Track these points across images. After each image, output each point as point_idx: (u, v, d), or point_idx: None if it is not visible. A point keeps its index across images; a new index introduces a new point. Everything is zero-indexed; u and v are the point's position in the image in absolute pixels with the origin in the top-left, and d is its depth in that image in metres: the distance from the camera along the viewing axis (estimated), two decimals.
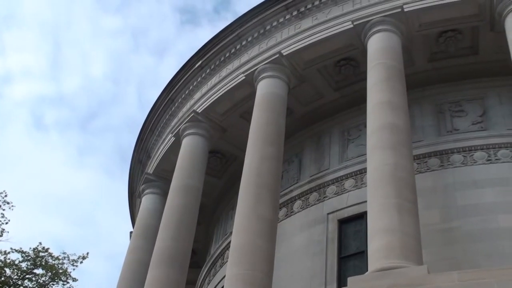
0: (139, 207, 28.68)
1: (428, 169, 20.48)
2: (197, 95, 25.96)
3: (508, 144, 20.13)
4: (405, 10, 20.84)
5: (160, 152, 27.53)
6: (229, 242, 19.86)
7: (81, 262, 32.78)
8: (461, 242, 18.34)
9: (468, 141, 20.69)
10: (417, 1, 20.97)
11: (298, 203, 22.68)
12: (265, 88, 22.12)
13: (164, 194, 26.23)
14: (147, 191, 27.83)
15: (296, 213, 22.51)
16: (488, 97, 21.78)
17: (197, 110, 24.91)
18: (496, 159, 19.98)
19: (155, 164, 27.83)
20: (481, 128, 21.05)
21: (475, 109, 21.61)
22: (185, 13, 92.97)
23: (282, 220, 22.54)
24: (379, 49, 20.24)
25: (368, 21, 21.16)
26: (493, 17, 20.44)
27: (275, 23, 23.82)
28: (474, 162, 20.13)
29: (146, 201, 27.66)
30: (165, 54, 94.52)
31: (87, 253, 33.51)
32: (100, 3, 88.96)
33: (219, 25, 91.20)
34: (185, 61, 26.99)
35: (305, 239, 21.18)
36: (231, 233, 19.74)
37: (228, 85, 24.19)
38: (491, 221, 18.38)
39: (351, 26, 21.51)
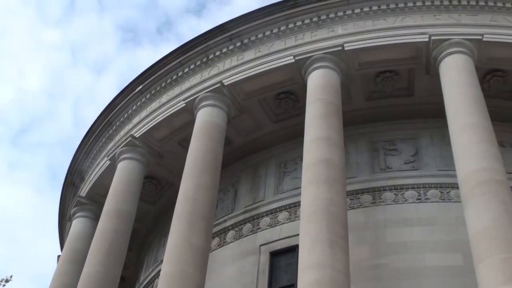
0: (69, 230, 27.99)
1: (360, 205, 20.83)
2: (135, 120, 25.73)
3: (438, 184, 20.70)
4: (346, 48, 21.37)
5: (95, 175, 27.06)
6: (160, 270, 19.58)
7: (4, 286, 31.63)
8: (388, 279, 18.63)
9: (400, 179, 21.19)
10: (357, 41, 21.57)
11: (231, 233, 22.64)
12: (204, 117, 22.15)
13: (96, 218, 25.72)
14: (78, 214, 27.25)
15: (229, 243, 22.44)
16: (421, 138, 22.43)
17: (135, 135, 24.67)
18: (426, 199, 20.51)
19: (88, 187, 27.32)
20: (413, 167, 21.62)
21: (408, 149, 22.20)
22: (127, 31, 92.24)
23: (215, 249, 22.45)
24: (319, 85, 20.63)
25: (309, 57, 21.56)
26: (428, 61, 21.18)
27: (218, 53, 23.97)
28: (405, 201, 20.60)
29: (77, 224, 27.05)
30: (104, 71, 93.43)
31: (11, 276, 32.34)
32: (41, 16, 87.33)
33: (161, 45, 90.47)
34: (126, 85, 26.80)
35: (236, 270, 21.11)
36: (162, 261, 19.49)
37: (167, 111, 24.10)
38: (418, 259, 18.76)
39: (293, 60, 21.87)
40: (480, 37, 20.67)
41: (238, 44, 23.63)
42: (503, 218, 15.22)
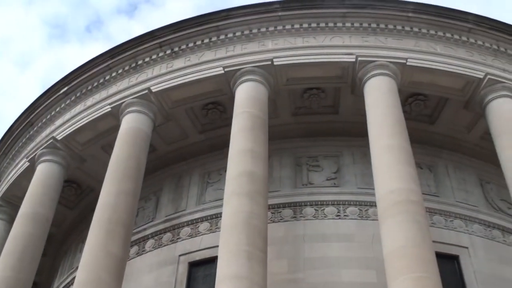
0: None
1: (281, 219, 20.99)
2: (58, 122, 25.10)
3: (357, 202, 21.13)
4: (275, 63, 21.60)
5: (12, 176, 26.20)
6: (74, 277, 19.07)
7: None
8: None
9: (321, 195, 21.48)
10: (287, 57, 21.86)
11: (151, 242, 22.35)
12: (129, 123, 21.85)
13: (11, 221, 24.84)
14: None
15: (147, 252, 22.14)
16: (343, 156, 22.86)
17: (57, 137, 24.06)
18: (345, 215, 20.88)
19: (4, 189, 26.42)
20: (334, 184, 21.99)
21: (330, 166, 22.59)
22: (54, 27, 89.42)
23: (133, 258, 22.09)
24: (247, 98, 20.74)
25: (238, 69, 21.67)
26: (354, 81, 21.69)
27: (147, 59, 23.74)
28: (325, 217, 20.91)
29: None
30: (28, 67, 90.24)
31: None
32: None
33: (89, 44, 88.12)
34: (50, 85, 26.16)
35: (153, 280, 20.83)
36: (77, 267, 19.03)
37: (92, 115, 23.62)
38: (335, 275, 19.04)
39: (222, 72, 21.92)
40: (404, 61, 21.34)
41: (168, 51, 23.48)
42: (417, 237, 15.70)
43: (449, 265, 19.86)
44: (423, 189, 20.29)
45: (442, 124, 23.65)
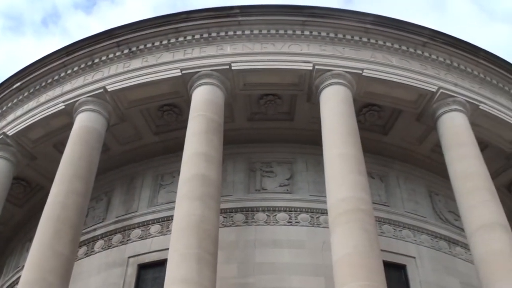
0: None
1: (233, 223, 21.00)
2: (10, 117, 24.58)
3: (309, 209, 21.29)
4: (233, 68, 21.62)
5: None
6: (20, 276, 18.70)
7: None
8: None
9: (273, 201, 21.59)
10: (245, 62, 21.93)
11: (100, 242, 22.07)
12: (83, 121, 21.54)
13: None
14: None
15: (96, 253, 21.85)
16: (297, 163, 23.02)
17: (7, 133, 23.56)
18: (296, 222, 21.02)
19: None
20: (286, 190, 22.12)
21: (284, 172, 22.71)
22: (9, 18, 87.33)
23: (81, 258, 21.79)
24: (203, 101, 20.70)
25: (196, 72, 21.61)
26: (311, 89, 21.87)
27: (104, 58, 23.47)
28: (276, 222, 21.00)
29: None
30: None
31: None
32: None
33: (45, 38, 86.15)
34: (3, 79, 25.62)
35: (101, 281, 20.56)
36: (23, 266, 18.66)
37: (45, 112, 23.21)
38: (285, 280, 19.15)
39: (179, 74, 21.82)
40: (360, 72, 21.63)
41: (126, 51, 23.27)
42: (365, 246, 15.90)
43: (396, 274, 20.18)
44: (374, 198, 20.64)
45: (394, 135, 24.05)
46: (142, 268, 20.60)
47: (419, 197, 23.32)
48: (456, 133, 21.06)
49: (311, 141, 22.63)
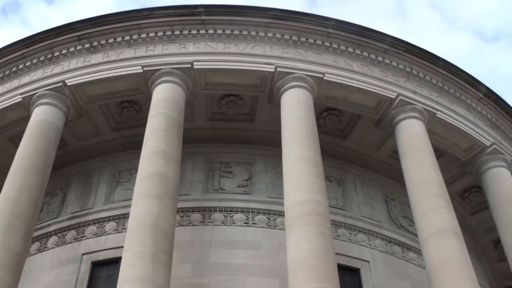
0: None
1: (189, 223, 20.91)
2: None
3: (266, 210, 21.35)
4: (195, 67, 21.55)
5: None
6: None
7: None
8: None
9: (231, 202, 21.57)
10: (207, 61, 21.88)
11: (53, 239, 21.72)
12: (40, 115, 21.17)
13: None
14: None
15: (49, 249, 21.49)
16: (256, 164, 23.06)
17: None
18: (253, 223, 21.06)
19: None
20: (244, 191, 22.13)
21: (243, 173, 22.73)
22: None
23: (33, 254, 21.42)
24: (163, 99, 20.57)
25: (157, 70, 21.46)
26: (272, 91, 21.94)
27: (64, 51, 23.13)
28: (233, 223, 21.00)
29: None
30: None
31: None
32: None
33: (3, 27, 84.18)
34: None
35: (53, 278, 20.24)
36: None
37: (1, 104, 22.75)
38: (239, 281, 19.15)
39: (141, 71, 21.64)
40: (321, 75, 21.80)
41: (87, 45, 22.98)
42: (320, 249, 16.01)
43: (350, 278, 20.39)
44: (331, 202, 20.83)
45: (353, 139, 24.32)
46: (96, 265, 20.35)
47: (375, 202, 23.61)
48: (413, 140, 21.40)
49: (271, 143, 22.70)
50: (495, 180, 23.36)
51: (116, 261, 19.27)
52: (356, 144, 24.45)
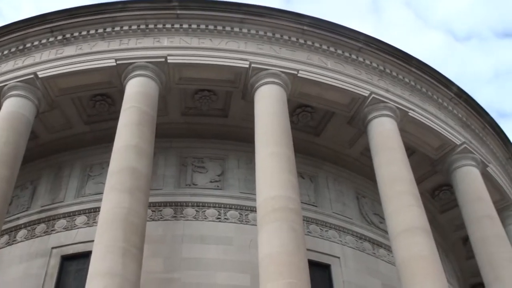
0: None
1: (161, 218, 20.85)
2: None
3: (238, 206, 21.39)
4: (169, 61, 21.44)
5: None
6: None
7: None
8: None
9: (203, 197, 21.56)
10: (181, 56, 21.78)
11: (23, 232, 21.47)
12: (10, 107, 20.85)
13: None
14: None
15: (19, 242, 21.24)
16: (229, 160, 23.06)
17: None
18: (225, 218, 21.08)
19: None
20: (217, 187, 22.12)
21: (215, 168, 22.71)
22: None
23: (2, 247, 21.19)
24: (136, 93, 20.44)
25: (131, 63, 21.30)
26: (246, 87, 21.94)
27: (36, 43, 22.81)
28: (205, 218, 20.99)
29: None
30: None
31: None
32: None
33: None
34: None
35: (22, 271, 20.01)
36: None
37: None
38: (210, 276, 19.15)
39: (114, 64, 21.47)
40: (295, 72, 21.85)
41: (60, 37, 22.70)
42: (291, 245, 16.09)
43: (320, 273, 20.51)
44: (303, 198, 20.95)
45: (326, 137, 24.44)
46: (66, 259, 20.19)
47: (346, 198, 23.78)
48: (385, 138, 21.59)
49: (244, 139, 22.70)
50: (465, 178, 23.69)
51: (86, 255, 19.07)
52: (328, 141, 24.58)
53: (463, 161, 24.04)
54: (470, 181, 23.59)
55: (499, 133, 27.44)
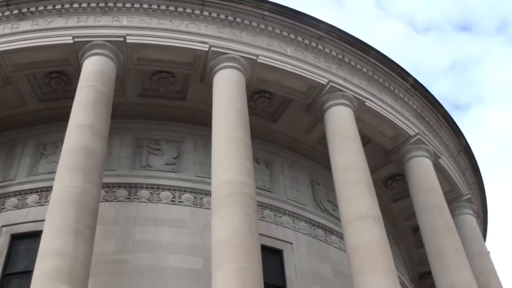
0: None
1: (115, 199, 20.68)
2: None
3: (193, 189, 21.33)
4: (127, 41, 21.19)
5: None
6: None
7: None
8: (130, 275, 18.69)
9: (158, 179, 21.44)
10: (140, 36, 21.55)
11: None
12: None
13: None
14: None
15: None
16: (185, 143, 22.97)
17: None
18: (180, 201, 21.01)
19: None
20: (172, 169, 22.02)
21: (171, 151, 22.60)
22: None
23: None
24: (93, 72, 20.15)
25: (89, 41, 20.98)
26: (205, 70, 21.84)
27: None
28: (159, 201, 20.90)
29: None
30: None
31: None
32: None
33: None
34: None
35: None
36: None
37: None
38: (162, 259, 19.11)
39: (71, 41, 21.10)
40: (255, 58, 21.85)
41: (16, 12, 22.18)
42: (245, 229, 16.16)
43: (273, 259, 20.68)
44: (258, 183, 21.05)
45: (283, 123, 24.55)
46: (16, 238, 19.83)
47: (301, 185, 23.96)
48: (341, 127, 21.79)
49: (201, 122, 22.64)
50: (417, 169, 24.10)
51: (37, 235, 18.69)
52: (285, 128, 24.69)
53: (416, 152, 24.43)
54: (422, 172, 24.02)
55: (452, 125, 27.99)
